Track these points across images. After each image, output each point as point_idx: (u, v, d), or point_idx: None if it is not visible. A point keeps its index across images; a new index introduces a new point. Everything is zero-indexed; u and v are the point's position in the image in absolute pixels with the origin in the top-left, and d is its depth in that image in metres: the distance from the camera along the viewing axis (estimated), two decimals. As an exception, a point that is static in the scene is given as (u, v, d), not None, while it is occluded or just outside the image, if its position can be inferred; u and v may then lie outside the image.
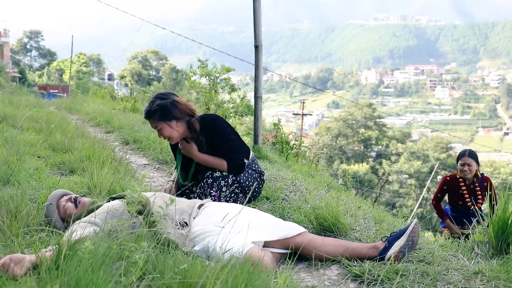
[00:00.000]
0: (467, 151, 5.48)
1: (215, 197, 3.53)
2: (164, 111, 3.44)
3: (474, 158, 5.38)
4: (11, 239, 2.52)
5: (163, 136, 3.51)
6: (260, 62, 6.57)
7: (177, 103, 3.49)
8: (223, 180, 3.54)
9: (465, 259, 2.81)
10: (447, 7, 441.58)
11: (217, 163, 3.56)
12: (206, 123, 3.58)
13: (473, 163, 5.34)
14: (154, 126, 3.51)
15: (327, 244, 2.84)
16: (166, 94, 3.55)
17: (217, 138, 3.57)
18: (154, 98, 3.51)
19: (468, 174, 5.37)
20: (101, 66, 73.22)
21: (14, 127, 6.98)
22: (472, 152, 5.47)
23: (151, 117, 3.47)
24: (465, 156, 5.40)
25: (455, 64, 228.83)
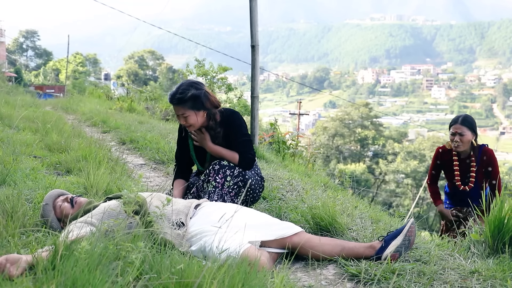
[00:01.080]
0: (460, 116, 4.52)
1: (218, 184, 3.52)
2: (197, 101, 3.50)
3: (469, 126, 4.42)
4: (7, 239, 2.51)
5: (186, 123, 3.55)
6: (257, 62, 6.58)
7: (209, 95, 3.58)
8: (229, 170, 3.56)
9: (461, 258, 2.82)
10: (443, 7, 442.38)
11: (229, 155, 3.60)
12: (225, 116, 3.65)
13: (467, 132, 4.40)
14: (180, 112, 3.52)
15: (323, 244, 2.84)
16: (199, 84, 3.60)
17: (233, 132, 3.63)
18: (187, 86, 3.52)
19: (460, 146, 4.44)
20: (97, 66, 73.07)
21: (10, 127, 6.96)
22: (466, 119, 4.47)
23: (181, 103, 3.49)
24: (457, 123, 4.45)
25: (452, 64, 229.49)
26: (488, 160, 4.43)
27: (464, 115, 4.53)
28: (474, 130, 4.44)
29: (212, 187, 3.52)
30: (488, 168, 4.41)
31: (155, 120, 11.89)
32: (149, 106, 15.80)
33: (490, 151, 4.47)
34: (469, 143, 4.42)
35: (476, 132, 4.46)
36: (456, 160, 4.57)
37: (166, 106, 15.14)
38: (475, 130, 4.45)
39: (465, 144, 4.42)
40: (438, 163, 4.74)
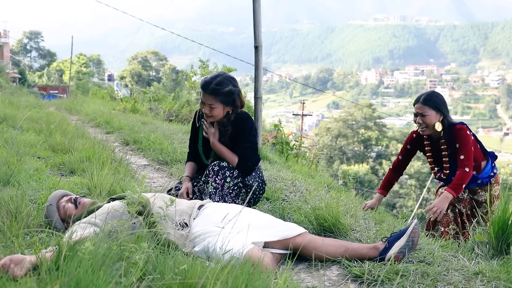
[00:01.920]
0: (423, 95, 3.93)
1: (218, 185, 3.52)
2: (231, 97, 3.54)
3: (432, 105, 3.81)
4: (11, 240, 2.52)
5: (209, 113, 3.56)
6: (260, 62, 6.58)
7: (240, 94, 3.63)
8: (228, 171, 3.56)
9: (465, 259, 2.81)
10: (447, 8, 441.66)
11: (229, 157, 3.61)
12: (238, 117, 3.66)
13: (429, 111, 3.79)
14: (209, 102, 3.52)
15: (327, 245, 2.84)
16: (235, 81, 3.63)
17: (240, 135, 3.64)
18: (224, 79, 3.54)
19: (425, 130, 3.87)
20: (101, 66, 73.24)
21: (14, 127, 6.98)
22: (429, 97, 3.86)
23: (215, 94, 3.50)
24: (418, 102, 3.87)
25: (455, 65, 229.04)
26: (457, 138, 3.81)
27: (428, 93, 3.95)
28: (440, 109, 3.82)
29: (212, 188, 3.52)
30: (456, 146, 3.81)
31: (159, 121, 11.90)
32: (152, 107, 15.81)
33: (460, 129, 3.81)
34: (434, 125, 3.83)
35: (443, 111, 3.84)
36: (428, 145, 4.03)
37: (169, 107, 15.15)
38: (442, 109, 3.83)
39: (430, 126, 3.84)
40: (408, 148, 4.19)
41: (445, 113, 3.87)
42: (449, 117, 3.89)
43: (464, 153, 3.76)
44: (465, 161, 3.74)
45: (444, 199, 3.70)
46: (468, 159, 3.74)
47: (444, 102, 3.90)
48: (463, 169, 3.72)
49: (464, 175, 3.72)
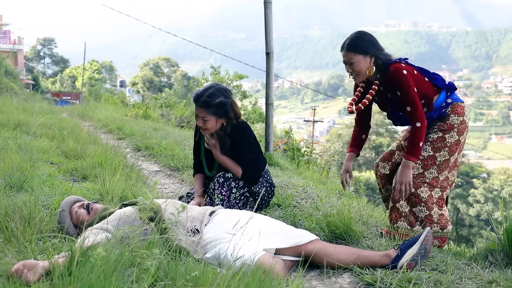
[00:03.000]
0: (347, 40, 3.41)
1: (224, 197, 3.52)
2: (223, 109, 3.47)
3: (358, 50, 3.33)
4: (24, 245, 2.54)
5: (203, 125, 3.51)
6: (271, 69, 6.59)
7: (234, 105, 3.56)
8: (234, 182, 3.55)
9: (479, 268, 2.78)
10: (459, 14, 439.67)
11: (234, 169, 3.59)
12: (234, 127, 3.60)
13: (356, 57, 3.32)
14: (202, 115, 3.47)
15: (338, 252, 2.82)
16: (228, 92, 3.55)
17: (240, 145, 3.59)
18: (216, 91, 3.46)
19: (357, 77, 3.43)
20: (113, 73, 73.73)
21: (27, 133, 7.05)
22: (353, 41, 3.35)
23: (206, 107, 3.44)
24: (343, 50, 3.39)
25: (468, 71, 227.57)
26: (394, 83, 3.30)
27: (352, 36, 3.42)
28: (368, 51, 3.32)
29: (219, 200, 3.51)
30: (397, 93, 3.32)
31: (170, 127, 11.96)
32: (164, 113, 15.89)
33: (395, 71, 3.28)
34: (365, 71, 3.35)
35: (373, 52, 3.33)
36: (362, 87, 3.60)
37: (181, 113, 15.22)
38: (370, 51, 3.32)
39: (361, 73, 3.37)
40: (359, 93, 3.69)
41: (376, 53, 3.34)
42: (382, 55, 3.35)
43: (409, 103, 3.26)
44: (413, 113, 3.25)
45: (405, 170, 3.28)
46: (416, 109, 3.24)
47: (372, 42, 3.36)
48: (414, 125, 3.24)
49: (417, 132, 3.23)
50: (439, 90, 3.43)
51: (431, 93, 3.38)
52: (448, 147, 3.35)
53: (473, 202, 35.52)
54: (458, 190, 38.01)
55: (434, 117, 3.37)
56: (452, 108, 3.39)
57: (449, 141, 3.35)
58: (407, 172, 3.27)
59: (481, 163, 49.62)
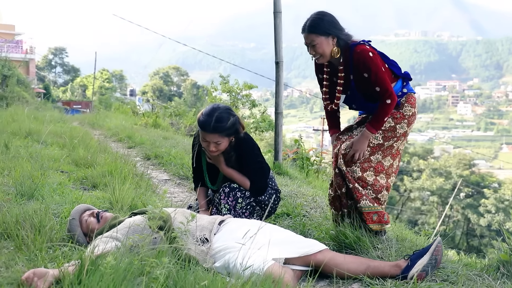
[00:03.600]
0: (308, 21, 3.29)
1: (230, 207, 3.52)
2: (234, 128, 3.44)
3: (319, 32, 3.23)
4: (34, 253, 2.55)
5: (215, 149, 3.44)
6: (281, 78, 6.59)
7: (240, 120, 3.53)
8: (239, 192, 3.55)
9: (490, 279, 2.75)
10: (468, 23, 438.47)
11: (241, 181, 3.58)
12: (242, 142, 3.57)
13: (318, 39, 3.23)
14: (214, 140, 3.39)
15: (348, 262, 2.81)
16: (231, 109, 3.51)
17: (245, 157, 3.58)
18: (223, 114, 3.39)
19: (320, 59, 3.33)
20: (123, 82, 74.13)
21: (38, 142, 7.10)
22: (314, 23, 3.25)
23: (218, 132, 3.37)
24: (304, 32, 3.29)
25: (478, 80, 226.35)
26: (361, 66, 3.23)
27: (312, 17, 3.29)
28: (329, 31, 3.24)
29: (226, 210, 3.51)
30: (364, 75, 3.24)
31: (180, 135, 11.99)
32: (173, 122, 15.94)
33: (361, 53, 3.22)
34: (329, 52, 3.27)
35: (335, 32, 3.25)
36: (327, 73, 3.49)
37: (190, 122, 15.26)
38: (332, 32, 3.24)
39: (324, 55, 3.28)
40: (320, 77, 3.61)
41: (338, 34, 3.26)
42: (344, 35, 3.28)
43: (379, 84, 3.20)
44: (383, 93, 3.21)
45: (363, 139, 3.28)
46: (386, 89, 3.20)
47: (332, 22, 3.27)
48: (384, 101, 3.21)
49: (385, 108, 3.22)
50: (396, 78, 3.40)
51: (390, 80, 3.33)
52: (396, 137, 3.38)
53: (484, 212, 35.19)
54: (469, 200, 37.72)
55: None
56: (406, 98, 3.39)
57: (399, 132, 3.37)
58: (364, 141, 3.29)
59: (492, 173, 49.17)
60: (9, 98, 17.79)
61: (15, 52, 39.26)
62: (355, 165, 3.34)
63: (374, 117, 3.28)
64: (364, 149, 3.29)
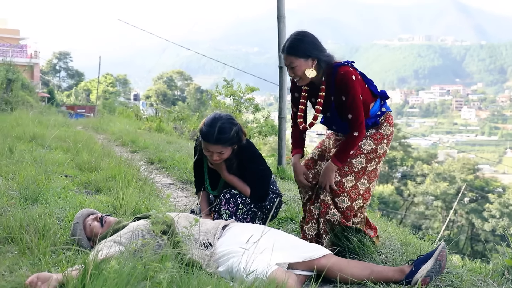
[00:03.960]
0: (287, 41, 3.20)
1: (231, 213, 3.51)
2: (237, 137, 3.42)
3: (298, 54, 3.13)
4: (38, 258, 2.55)
5: (219, 158, 3.43)
6: (285, 82, 6.60)
7: (242, 129, 3.51)
8: (240, 198, 3.54)
9: (495, 284, 2.74)
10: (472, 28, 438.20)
11: (242, 188, 3.56)
12: (239, 147, 3.54)
13: (297, 61, 3.14)
14: (217, 150, 3.38)
15: (352, 267, 2.80)
16: (233, 118, 3.49)
17: (247, 164, 3.57)
18: (227, 124, 3.37)
19: (300, 81, 3.24)
20: (127, 86, 74.34)
21: (42, 146, 7.12)
22: (293, 44, 3.15)
23: (221, 143, 3.36)
24: (284, 53, 3.20)
25: (482, 84, 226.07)
26: (342, 87, 3.13)
27: (291, 38, 3.19)
28: (309, 54, 3.13)
29: (227, 216, 3.50)
30: (342, 98, 3.16)
31: (183, 140, 12.00)
32: (177, 126, 15.97)
33: (344, 75, 3.12)
34: (309, 74, 3.16)
35: (315, 54, 3.14)
36: (305, 91, 3.39)
37: (194, 126, 15.28)
38: (312, 54, 3.14)
39: (304, 77, 3.18)
40: (296, 96, 3.48)
41: (318, 55, 3.15)
42: (325, 56, 3.17)
43: (352, 111, 3.12)
44: (354, 123, 3.14)
45: (328, 172, 3.20)
46: (357, 118, 3.13)
47: (313, 43, 3.16)
48: (352, 133, 3.15)
49: (353, 141, 3.16)
50: (375, 98, 3.34)
51: (369, 100, 3.29)
52: (377, 158, 3.34)
53: (488, 217, 35.06)
54: (473, 205, 37.58)
55: (369, 125, 3.30)
56: (385, 117, 3.35)
57: (379, 152, 3.33)
58: (330, 175, 3.20)
59: (496, 178, 49.00)
60: (14, 103, 17.87)
61: (20, 56, 39.46)
62: (343, 195, 3.25)
63: (340, 150, 3.19)
64: (331, 181, 3.19)
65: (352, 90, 3.11)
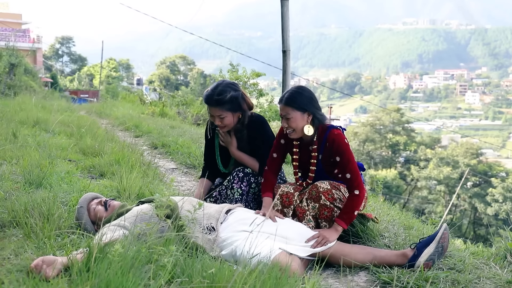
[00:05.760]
0: (286, 93, 3.29)
1: (243, 192, 3.52)
2: (235, 102, 3.50)
3: (296, 106, 3.20)
4: (43, 241, 2.57)
5: (221, 123, 3.53)
6: (288, 67, 6.58)
7: (245, 96, 3.58)
8: (253, 177, 3.57)
9: (497, 267, 2.75)
10: (478, 11, 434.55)
11: (250, 163, 3.63)
12: (253, 121, 3.63)
13: (293, 113, 3.20)
14: (217, 114, 3.50)
15: (355, 252, 2.82)
16: (236, 85, 3.58)
17: (259, 139, 3.63)
18: (225, 87, 3.50)
19: (293, 133, 3.27)
20: (130, 71, 74.22)
21: (46, 131, 7.13)
22: (292, 96, 3.23)
23: (220, 105, 3.47)
24: (281, 103, 3.26)
25: (486, 69, 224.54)
26: (334, 148, 3.21)
27: (291, 90, 3.28)
28: (306, 108, 3.20)
29: (238, 195, 3.51)
30: (336, 159, 3.22)
31: (187, 124, 12.00)
32: (180, 111, 15.95)
33: (337, 136, 3.21)
34: (302, 128, 3.22)
35: (311, 110, 3.21)
36: (297, 146, 3.42)
37: (197, 111, 15.27)
38: (308, 108, 3.21)
39: (297, 130, 3.23)
40: (282, 143, 3.48)
41: (314, 112, 3.23)
42: (319, 115, 3.25)
43: (349, 171, 3.15)
44: (353, 182, 3.13)
45: (334, 232, 3.02)
46: (356, 177, 3.14)
47: (311, 99, 3.25)
48: (353, 192, 3.11)
49: (355, 201, 3.09)
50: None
51: None
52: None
53: (491, 201, 35.12)
54: (476, 189, 37.62)
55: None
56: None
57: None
58: (334, 235, 3.00)
59: (500, 162, 48.94)
60: (17, 87, 17.85)
61: (22, 41, 39.35)
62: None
63: (344, 210, 3.09)
64: (332, 240, 2.95)
65: (347, 151, 3.20)
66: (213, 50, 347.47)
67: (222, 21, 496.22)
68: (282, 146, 3.48)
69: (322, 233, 2.99)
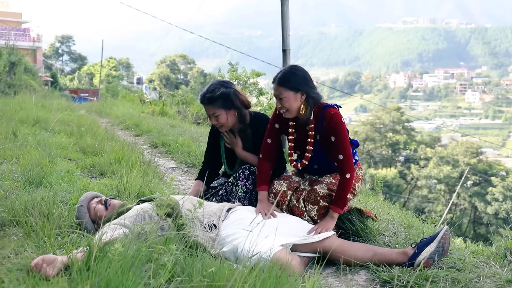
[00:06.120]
0: (279, 73, 3.21)
1: (248, 189, 3.52)
2: (227, 99, 3.49)
3: (289, 86, 3.14)
4: (43, 240, 2.57)
5: (217, 122, 3.54)
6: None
7: (238, 94, 3.57)
8: None
9: (497, 266, 2.75)
10: (478, 10, 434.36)
11: (256, 163, 3.60)
12: (258, 119, 3.64)
13: (286, 93, 3.13)
14: (211, 112, 3.52)
15: (355, 249, 2.82)
16: (228, 83, 3.60)
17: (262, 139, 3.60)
18: (216, 85, 3.53)
19: (287, 113, 3.21)
20: (130, 70, 74.17)
21: (46, 130, 7.13)
22: (285, 75, 3.17)
23: (212, 103, 3.49)
24: (274, 83, 3.21)
25: (486, 68, 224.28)
26: (331, 127, 3.14)
27: (284, 70, 3.21)
28: (299, 87, 3.13)
29: (242, 192, 3.52)
30: (331, 138, 3.16)
31: (187, 123, 12.01)
32: (180, 110, 15.95)
33: (334, 115, 3.14)
34: (296, 108, 3.16)
35: (305, 89, 3.14)
36: (292, 126, 3.35)
37: (197, 110, 15.27)
38: (302, 88, 3.14)
39: (291, 110, 3.17)
40: (276, 127, 3.41)
41: (308, 91, 3.15)
42: (314, 93, 3.18)
43: (343, 152, 3.11)
44: (345, 163, 3.11)
45: (330, 220, 3.09)
46: (348, 159, 3.11)
47: (304, 78, 3.17)
48: (343, 175, 3.11)
49: (346, 184, 3.10)
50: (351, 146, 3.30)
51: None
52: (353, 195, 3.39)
53: (491, 200, 35.10)
54: (476, 188, 37.61)
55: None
56: (357, 165, 3.37)
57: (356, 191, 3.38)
58: (332, 222, 3.08)
59: (500, 161, 48.95)
60: (17, 86, 17.86)
61: (22, 40, 39.33)
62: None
63: (337, 196, 3.12)
64: (331, 228, 3.03)
65: (342, 131, 3.14)
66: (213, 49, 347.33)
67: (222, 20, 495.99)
68: (276, 131, 3.41)
69: (319, 224, 3.05)
